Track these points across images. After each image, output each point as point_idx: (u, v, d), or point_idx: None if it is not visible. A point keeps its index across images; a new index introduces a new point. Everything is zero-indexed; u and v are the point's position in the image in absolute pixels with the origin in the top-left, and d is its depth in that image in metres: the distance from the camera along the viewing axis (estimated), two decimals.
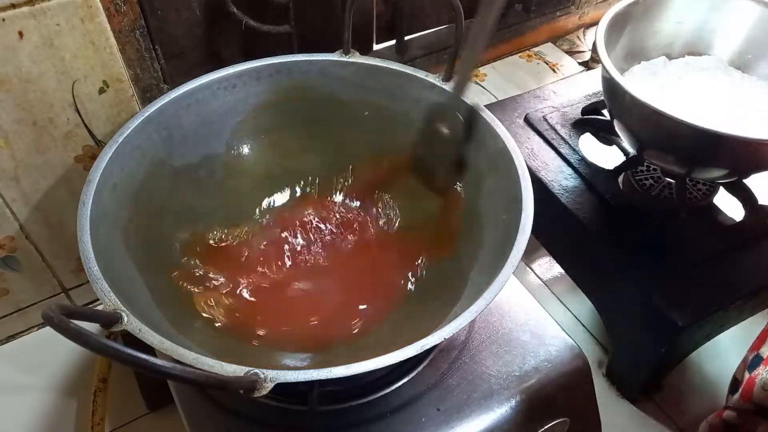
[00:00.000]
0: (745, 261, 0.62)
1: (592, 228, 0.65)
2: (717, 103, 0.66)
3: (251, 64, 0.57)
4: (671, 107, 0.55)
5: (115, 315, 0.38)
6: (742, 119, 0.64)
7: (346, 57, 0.58)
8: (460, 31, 0.54)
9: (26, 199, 0.58)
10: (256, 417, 0.47)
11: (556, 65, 1.05)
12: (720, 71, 0.69)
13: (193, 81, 0.55)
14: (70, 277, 0.67)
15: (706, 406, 0.68)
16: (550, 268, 0.80)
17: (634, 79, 0.68)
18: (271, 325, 0.52)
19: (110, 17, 0.52)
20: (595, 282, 0.69)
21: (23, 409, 0.63)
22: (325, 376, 0.36)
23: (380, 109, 0.60)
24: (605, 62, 0.60)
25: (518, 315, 0.54)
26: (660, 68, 0.70)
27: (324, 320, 0.53)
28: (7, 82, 0.50)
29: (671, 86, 0.68)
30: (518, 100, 0.80)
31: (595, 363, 0.71)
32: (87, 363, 0.67)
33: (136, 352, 0.28)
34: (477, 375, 0.50)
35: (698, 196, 0.68)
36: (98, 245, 0.43)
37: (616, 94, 0.61)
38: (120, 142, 0.49)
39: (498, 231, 0.49)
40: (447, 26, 0.94)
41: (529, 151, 0.73)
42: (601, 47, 0.61)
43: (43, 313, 0.29)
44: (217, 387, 0.38)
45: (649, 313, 0.60)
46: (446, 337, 0.38)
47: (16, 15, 0.47)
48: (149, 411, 0.64)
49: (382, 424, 0.47)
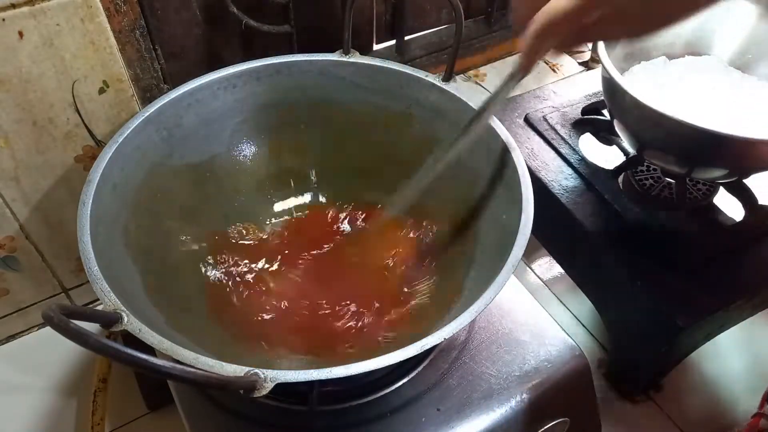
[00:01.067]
0: (745, 261, 0.62)
1: (592, 228, 0.64)
2: (717, 103, 0.66)
3: (251, 64, 0.57)
4: (671, 107, 0.55)
5: (115, 315, 0.38)
6: (742, 119, 0.64)
7: (346, 57, 0.58)
8: (460, 31, 0.54)
9: (26, 199, 0.58)
10: (256, 417, 0.47)
11: (556, 65, 1.05)
12: (720, 71, 0.69)
13: (193, 81, 0.55)
14: (70, 277, 0.67)
15: (706, 406, 0.68)
16: (550, 268, 0.80)
17: (634, 79, 0.68)
18: (269, 325, 0.52)
19: (110, 17, 0.52)
20: (595, 282, 0.69)
21: (23, 409, 0.63)
22: (325, 376, 0.36)
23: (380, 109, 0.60)
24: (605, 62, 0.60)
25: (518, 315, 0.54)
26: (660, 68, 0.70)
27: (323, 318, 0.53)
28: (7, 82, 0.50)
29: (671, 86, 0.68)
30: (518, 100, 0.80)
31: (595, 363, 0.71)
32: (87, 363, 0.67)
33: (136, 352, 0.28)
34: (477, 375, 0.50)
35: (698, 196, 0.68)
36: (98, 245, 0.43)
37: (616, 94, 0.61)
38: (120, 142, 0.49)
39: (498, 231, 0.49)
40: (447, 26, 0.94)
41: (529, 151, 0.73)
42: (601, 47, 0.61)
43: (43, 313, 0.29)
44: (217, 387, 0.38)
45: (649, 313, 0.60)
46: (446, 337, 0.38)
47: (16, 15, 0.47)
48: (149, 411, 0.64)
49: (382, 424, 0.47)
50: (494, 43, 1.01)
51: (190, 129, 0.56)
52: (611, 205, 0.66)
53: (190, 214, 0.56)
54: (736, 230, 0.65)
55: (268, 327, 0.52)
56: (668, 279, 0.60)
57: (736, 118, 0.64)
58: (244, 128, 0.60)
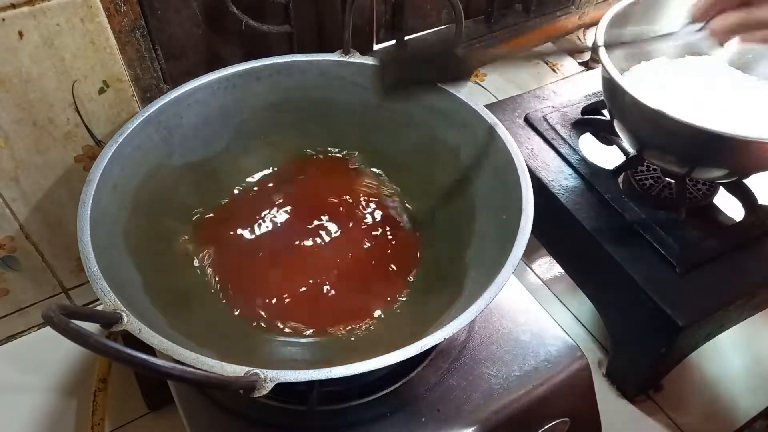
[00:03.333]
0: (745, 261, 0.62)
1: (592, 228, 0.64)
2: (717, 103, 0.66)
3: (251, 64, 0.57)
4: (671, 107, 0.55)
5: (115, 315, 0.38)
6: (742, 119, 0.64)
7: (346, 57, 0.58)
8: (460, 31, 0.54)
9: (26, 199, 0.58)
10: (256, 417, 0.47)
11: (556, 65, 1.05)
12: (721, 71, 0.69)
13: (193, 81, 0.55)
14: (70, 277, 0.67)
15: (706, 406, 0.68)
16: (550, 268, 0.80)
17: (634, 79, 0.68)
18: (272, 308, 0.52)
19: (110, 17, 0.52)
20: (595, 282, 0.69)
21: (23, 409, 0.63)
22: (325, 376, 0.36)
23: (380, 109, 0.60)
24: (605, 62, 0.60)
25: (518, 315, 0.54)
26: (660, 68, 0.70)
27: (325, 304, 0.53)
28: (7, 82, 0.50)
29: (671, 86, 0.68)
30: (518, 100, 0.80)
31: (595, 363, 0.71)
32: (87, 363, 0.67)
33: (136, 352, 0.28)
34: (477, 375, 0.50)
35: (698, 196, 0.68)
36: (98, 245, 0.43)
37: (616, 95, 0.61)
38: (120, 142, 0.49)
39: (498, 231, 0.49)
40: (447, 26, 0.94)
41: (529, 151, 0.73)
42: (602, 49, 0.61)
43: (43, 313, 0.29)
44: (217, 387, 0.38)
45: (649, 313, 0.60)
46: (446, 337, 0.38)
47: (16, 15, 0.47)
48: (149, 411, 0.64)
49: (382, 424, 0.47)
50: (494, 43, 1.01)
51: (190, 129, 0.56)
52: (611, 205, 0.66)
53: (190, 214, 0.56)
54: (736, 230, 0.65)
55: (268, 307, 0.53)
56: (668, 279, 0.60)
57: (737, 118, 0.64)
58: (244, 128, 0.60)
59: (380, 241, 0.58)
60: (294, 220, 0.59)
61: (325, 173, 0.63)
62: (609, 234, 0.64)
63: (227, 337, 0.50)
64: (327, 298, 0.53)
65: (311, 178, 0.62)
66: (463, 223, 0.56)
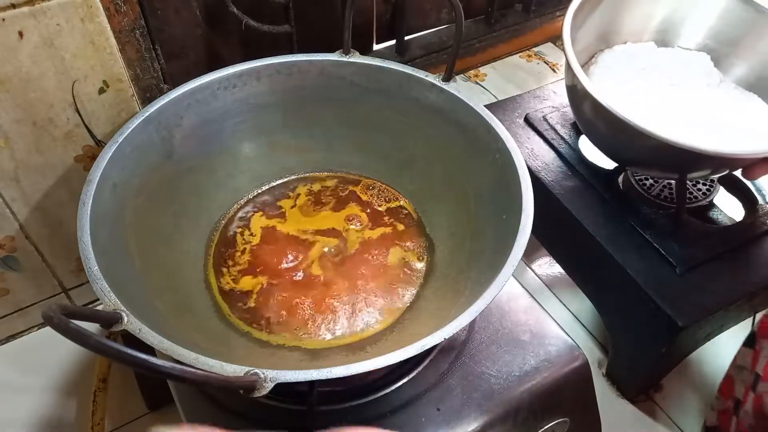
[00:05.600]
0: (746, 261, 0.62)
1: (592, 228, 0.65)
2: (691, 112, 0.65)
3: (251, 64, 0.57)
4: (644, 119, 0.54)
5: (115, 315, 0.38)
6: (718, 128, 0.63)
7: (346, 57, 0.58)
8: (460, 31, 0.54)
9: (26, 199, 0.58)
10: (256, 417, 0.47)
11: (556, 65, 1.05)
12: (695, 79, 0.68)
13: (193, 81, 0.55)
14: (70, 277, 0.67)
15: (706, 406, 0.68)
16: (550, 268, 0.80)
17: (601, 76, 0.68)
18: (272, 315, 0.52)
19: (110, 17, 0.52)
20: (595, 282, 0.69)
21: (23, 409, 0.63)
22: (325, 376, 0.36)
23: (380, 109, 0.60)
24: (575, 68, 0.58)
25: (518, 315, 0.54)
26: (631, 70, 0.68)
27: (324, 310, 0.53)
28: (7, 82, 0.50)
29: (643, 93, 0.67)
30: (518, 100, 0.80)
31: (595, 363, 0.71)
32: (87, 363, 0.67)
33: (136, 352, 0.28)
34: (477, 375, 0.50)
35: (698, 196, 0.68)
36: (98, 245, 0.43)
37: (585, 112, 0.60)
38: (120, 142, 0.49)
39: (498, 231, 0.49)
40: (447, 26, 0.94)
41: (529, 151, 0.73)
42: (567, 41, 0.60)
43: (43, 313, 0.29)
44: (217, 387, 0.38)
45: (649, 313, 0.60)
46: (446, 337, 0.38)
47: (16, 15, 0.47)
48: (149, 411, 0.64)
49: (382, 425, 0.47)
50: (494, 43, 1.01)
51: (190, 129, 0.56)
52: (611, 205, 0.66)
53: (190, 214, 0.56)
54: (736, 230, 0.65)
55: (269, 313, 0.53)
56: (668, 279, 0.60)
57: (712, 127, 0.64)
58: (244, 128, 0.60)
59: (380, 247, 0.58)
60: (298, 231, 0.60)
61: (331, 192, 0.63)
62: (609, 234, 0.64)
63: (227, 336, 0.50)
64: (330, 306, 0.54)
65: (316, 195, 0.62)
66: (463, 224, 0.56)
